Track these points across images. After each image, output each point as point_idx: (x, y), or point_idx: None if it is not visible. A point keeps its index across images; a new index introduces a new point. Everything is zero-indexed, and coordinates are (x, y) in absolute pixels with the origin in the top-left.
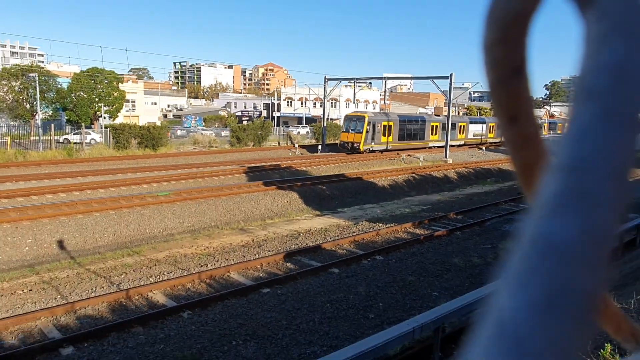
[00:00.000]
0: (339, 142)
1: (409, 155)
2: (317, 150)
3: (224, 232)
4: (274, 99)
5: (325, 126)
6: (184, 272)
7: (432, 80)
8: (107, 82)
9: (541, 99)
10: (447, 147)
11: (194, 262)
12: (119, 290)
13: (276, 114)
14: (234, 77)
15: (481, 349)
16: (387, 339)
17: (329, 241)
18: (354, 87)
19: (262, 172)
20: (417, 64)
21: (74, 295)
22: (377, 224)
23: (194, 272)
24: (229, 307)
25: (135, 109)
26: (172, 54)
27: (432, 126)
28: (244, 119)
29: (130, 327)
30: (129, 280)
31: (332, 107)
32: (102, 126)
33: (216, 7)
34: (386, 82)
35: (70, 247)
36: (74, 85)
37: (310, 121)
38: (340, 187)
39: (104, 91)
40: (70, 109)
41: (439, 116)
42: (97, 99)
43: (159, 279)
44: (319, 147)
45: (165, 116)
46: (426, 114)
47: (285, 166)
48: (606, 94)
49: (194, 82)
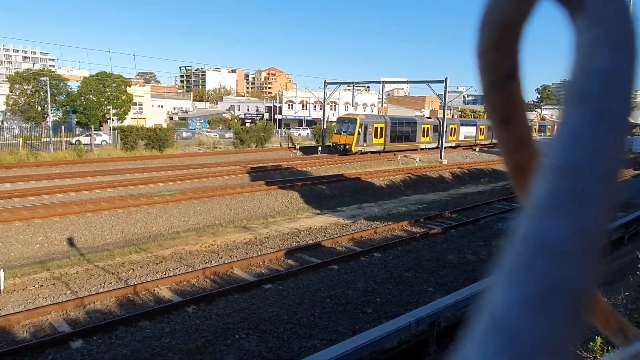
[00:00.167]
0: (332, 144)
1: (405, 156)
2: (317, 151)
3: (228, 230)
4: (276, 102)
5: (325, 128)
6: (189, 268)
7: (428, 84)
8: (115, 85)
9: (533, 102)
10: (442, 148)
11: (198, 259)
12: (126, 285)
13: (278, 117)
14: (237, 81)
15: (475, 343)
16: (384, 333)
17: (328, 239)
18: (353, 91)
19: (265, 173)
20: (414, 68)
21: (83, 290)
22: (375, 222)
23: (199, 269)
24: (232, 302)
25: (142, 112)
26: (178, 59)
27: (424, 128)
28: (247, 121)
29: (137, 321)
30: (136, 276)
31: (331, 110)
32: (110, 128)
33: (220, 14)
34: (384, 85)
35: (79, 244)
36: (83, 88)
37: (310, 123)
38: (339, 186)
39: (112, 94)
40: (80, 112)
41: (430, 118)
42: (106, 102)
43: (165, 275)
44: (319, 148)
45: (171, 118)
46: (417, 117)
47: (286, 167)
48: (596, 98)
49: (199, 85)
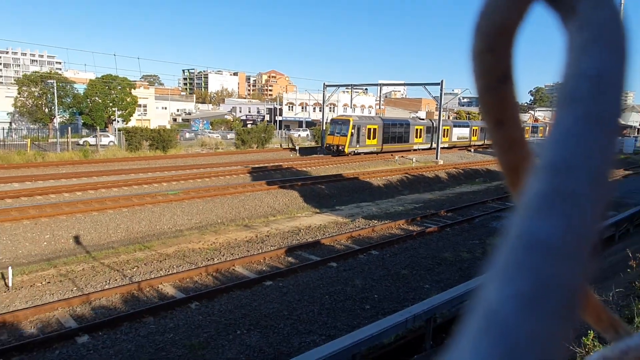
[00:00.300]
0: (325, 145)
1: (402, 156)
2: (316, 152)
3: (230, 229)
4: (277, 104)
5: (324, 129)
6: (192, 265)
7: (424, 86)
8: (120, 88)
9: (526, 104)
10: (438, 148)
11: (201, 257)
12: (131, 282)
13: (278, 118)
14: (239, 83)
15: (470, 338)
16: (382, 329)
17: (327, 237)
18: (351, 93)
19: (265, 173)
20: (411, 71)
21: (89, 287)
22: (373, 221)
23: (201, 266)
24: (234, 298)
25: (146, 113)
26: (181, 62)
27: (417, 129)
28: (248, 122)
29: (141, 317)
30: (141, 273)
31: (330, 111)
32: (115, 129)
33: (223, 19)
34: (381, 88)
35: (85, 242)
36: (89, 91)
37: (310, 125)
38: (338, 186)
39: (117, 96)
40: (86, 113)
41: (424, 120)
42: (111, 104)
43: (169, 272)
44: (318, 149)
45: (174, 120)
46: (410, 118)
47: (286, 167)
48: (587, 100)
49: (202, 88)
